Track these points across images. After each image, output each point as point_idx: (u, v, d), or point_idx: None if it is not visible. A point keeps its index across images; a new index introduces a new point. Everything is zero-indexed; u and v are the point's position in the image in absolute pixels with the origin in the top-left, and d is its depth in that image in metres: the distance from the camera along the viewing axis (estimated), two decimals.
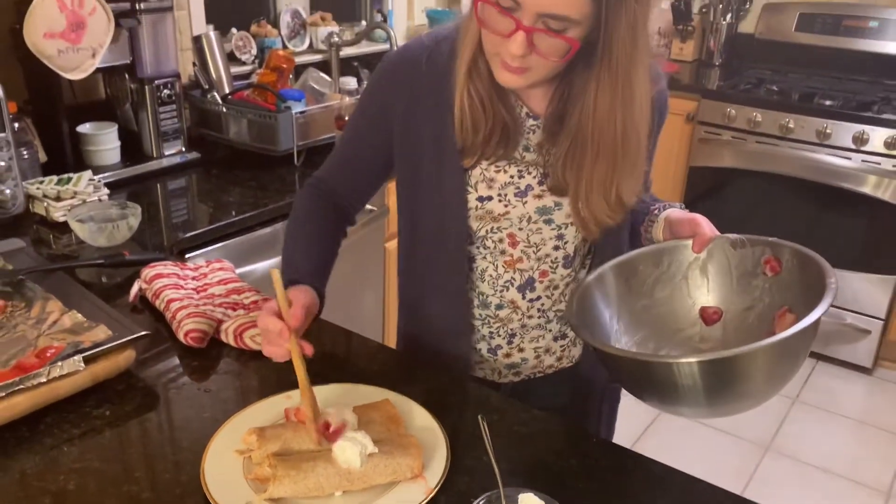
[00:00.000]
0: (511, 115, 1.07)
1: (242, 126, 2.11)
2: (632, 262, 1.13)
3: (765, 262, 1.08)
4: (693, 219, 1.12)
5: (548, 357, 1.26)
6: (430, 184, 1.13)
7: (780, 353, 0.89)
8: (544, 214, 1.13)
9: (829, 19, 3.20)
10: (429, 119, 1.10)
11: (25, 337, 1.10)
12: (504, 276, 1.18)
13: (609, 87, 0.98)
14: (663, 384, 0.90)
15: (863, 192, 2.77)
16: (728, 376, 0.88)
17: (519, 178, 1.11)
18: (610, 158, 1.03)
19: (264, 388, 1.08)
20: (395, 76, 1.12)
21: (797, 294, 1.02)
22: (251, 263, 1.87)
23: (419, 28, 3.23)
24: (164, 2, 1.96)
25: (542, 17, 0.91)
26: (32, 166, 1.77)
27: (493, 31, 0.96)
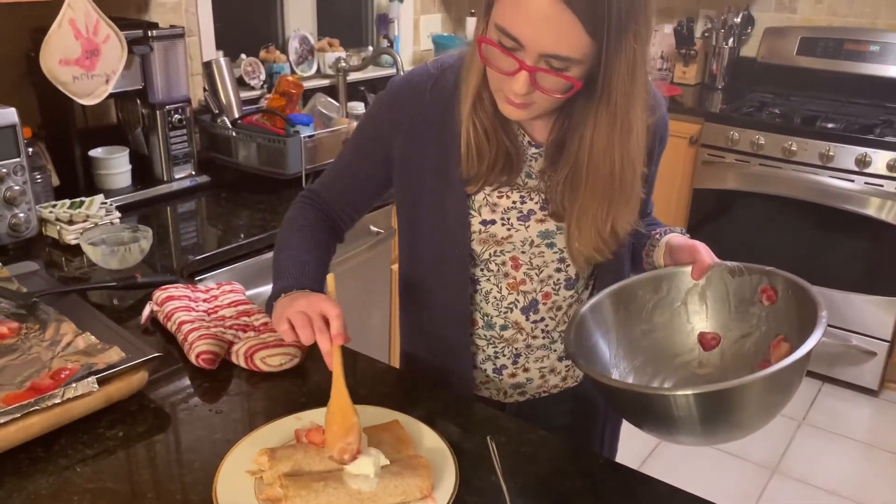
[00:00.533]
0: (514, 143, 1.10)
1: (252, 150, 2.14)
2: (631, 288, 1.15)
3: (762, 291, 1.09)
4: (693, 245, 1.14)
5: (553, 377, 1.28)
6: (433, 208, 1.15)
7: (772, 384, 0.90)
8: (546, 238, 1.15)
9: (830, 43, 3.23)
10: (432, 146, 1.12)
11: (40, 358, 1.11)
12: (508, 298, 1.20)
13: (607, 124, 1.00)
14: (660, 414, 0.92)
15: (866, 214, 2.79)
16: (723, 407, 0.90)
17: (521, 203, 1.13)
18: (605, 193, 1.05)
19: (275, 410, 1.10)
20: (399, 102, 1.15)
21: (793, 324, 1.03)
22: (260, 286, 1.88)
23: (425, 53, 3.27)
24: (175, 29, 2.01)
25: (545, 56, 0.93)
26: (45, 190, 1.80)
27: (497, 69, 0.98)
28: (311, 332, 1.00)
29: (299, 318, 1.00)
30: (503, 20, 0.93)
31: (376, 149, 1.18)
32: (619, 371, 1.10)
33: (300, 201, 1.26)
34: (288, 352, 1.18)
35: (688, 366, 1.13)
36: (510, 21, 0.92)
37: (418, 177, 1.15)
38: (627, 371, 1.11)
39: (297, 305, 1.02)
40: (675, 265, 1.16)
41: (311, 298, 1.03)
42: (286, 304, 1.04)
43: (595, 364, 1.06)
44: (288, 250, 1.17)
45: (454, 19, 3.44)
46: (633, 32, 0.93)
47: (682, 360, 1.14)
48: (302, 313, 1.01)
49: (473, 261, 1.18)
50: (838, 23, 3.28)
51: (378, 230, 2.19)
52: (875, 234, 2.80)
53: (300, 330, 1.00)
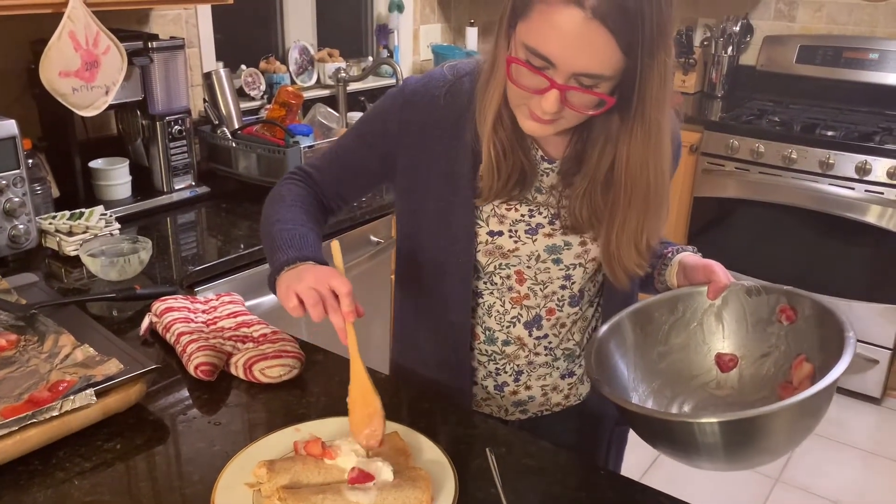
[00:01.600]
0: (528, 159, 1.09)
1: (252, 161, 2.14)
2: (647, 310, 1.14)
3: (780, 311, 1.08)
4: (708, 265, 1.12)
5: (555, 395, 1.26)
6: (437, 216, 1.14)
7: (802, 411, 0.89)
8: (553, 253, 1.14)
9: (829, 51, 3.24)
10: (441, 152, 1.11)
11: (38, 371, 1.11)
12: (511, 312, 1.18)
13: (642, 140, 0.99)
14: (683, 441, 0.91)
15: (866, 221, 2.79)
16: (749, 435, 0.88)
17: (530, 216, 1.12)
18: (642, 207, 1.04)
19: (274, 421, 1.09)
20: (412, 104, 1.12)
21: (813, 343, 1.02)
22: (260, 296, 1.88)
23: (425, 63, 3.28)
24: (175, 40, 2.01)
25: (576, 75, 0.92)
26: (45, 201, 1.80)
27: (524, 88, 0.96)
28: (322, 309, 0.96)
29: (309, 295, 0.96)
30: (533, 40, 0.92)
31: (380, 144, 1.16)
32: (639, 394, 1.09)
33: (290, 179, 1.23)
34: (287, 363, 1.17)
35: (706, 387, 1.12)
36: (542, 40, 0.91)
37: (424, 183, 1.14)
38: (646, 394, 1.10)
39: (306, 280, 0.98)
40: (689, 285, 1.14)
41: (318, 273, 0.99)
42: (292, 278, 1.00)
43: (615, 388, 1.04)
44: (281, 223, 1.13)
45: (454, 29, 3.45)
46: (664, 47, 0.92)
47: (700, 382, 1.13)
48: (311, 289, 0.96)
49: (477, 273, 1.17)
50: (837, 31, 3.29)
51: (378, 240, 2.18)
52: (876, 241, 2.79)
53: (311, 308, 0.96)
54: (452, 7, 3.42)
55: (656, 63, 0.93)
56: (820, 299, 1.05)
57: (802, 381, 1.01)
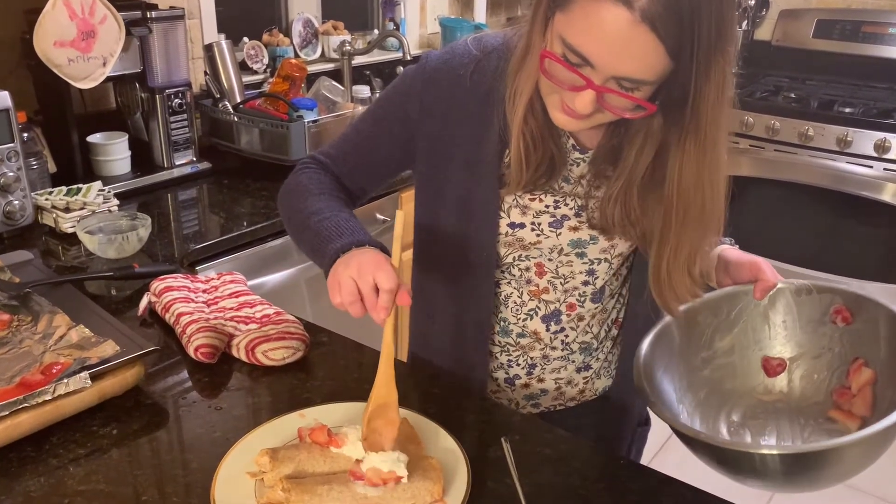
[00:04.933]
0: (559, 148, 1.01)
1: (254, 135, 2.08)
2: (690, 313, 1.05)
3: (835, 312, 1.02)
4: (754, 262, 1.05)
5: (569, 389, 1.19)
6: (457, 204, 1.07)
7: (876, 440, 0.83)
8: (577, 247, 1.07)
9: (847, 26, 3.15)
10: (465, 137, 1.03)
11: (31, 352, 1.06)
12: (528, 305, 1.11)
13: (696, 157, 0.90)
14: (741, 467, 0.86)
15: (885, 200, 2.72)
16: (814, 466, 0.83)
17: (555, 207, 1.04)
18: (696, 230, 0.95)
19: (277, 406, 1.05)
20: (434, 83, 1.04)
21: (874, 348, 0.95)
22: (263, 275, 1.83)
23: (432, 36, 3.20)
24: (175, 10, 1.94)
25: (616, 78, 0.84)
26: (42, 177, 1.75)
27: (559, 83, 0.88)
28: (360, 308, 0.88)
29: (348, 291, 0.88)
30: (572, 36, 0.83)
31: (400, 130, 1.08)
32: (686, 406, 1.03)
33: (309, 167, 1.13)
34: (290, 345, 1.12)
35: (753, 392, 1.06)
36: (581, 38, 0.82)
37: (445, 168, 1.06)
38: (693, 407, 1.04)
39: (349, 269, 0.89)
40: (732, 283, 1.07)
41: (364, 261, 0.89)
42: (340, 266, 0.92)
43: (661, 400, 0.97)
44: (319, 215, 1.02)
45: (462, 2, 3.37)
46: (723, 53, 0.83)
47: (748, 387, 1.07)
48: (351, 281, 0.88)
49: (497, 263, 1.09)
50: (856, 4, 3.20)
51: (384, 217, 2.13)
52: (893, 221, 2.73)
53: (348, 306, 0.89)
54: None
55: (713, 72, 0.84)
56: (890, 305, 0.97)
57: (862, 387, 0.95)
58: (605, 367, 1.20)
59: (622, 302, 1.17)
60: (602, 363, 1.19)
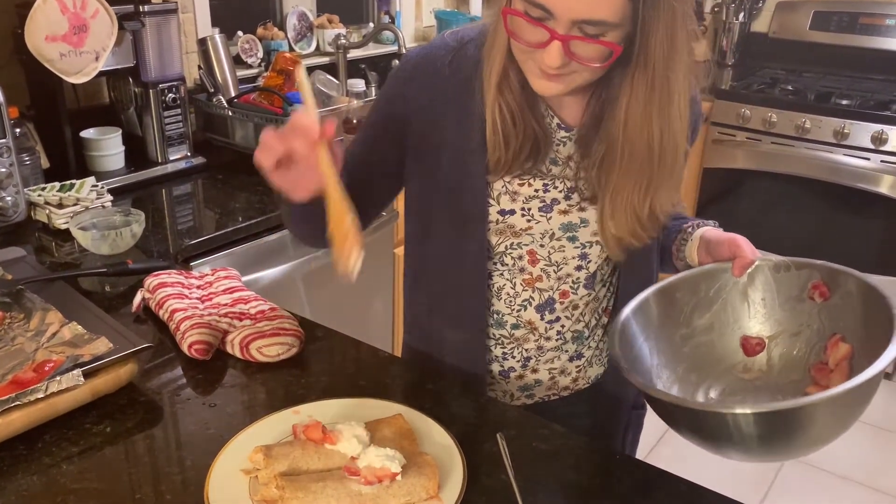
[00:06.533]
0: (542, 127, 1.00)
1: (249, 130, 2.07)
2: (668, 290, 1.06)
3: (813, 287, 1.01)
4: (733, 239, 1.05)
5: (563, 378, 1.19)
6: (448, 194, 1.06)
7: (847, 401, 0.83)
8: (569, 231, 1.07)
9: (844, 17, 3.14)
10: (450, 126, 1.03)
11: (23, 350, 1.06)
12: (522, 295, 1.11)
13: (644, 92, 0.90)
14: (715, 432, 0.85)
15: (881, 192, 2.72)
16: (787, 427, 0.82)
17: (544, 191, 1.04)
18: (643, 170, 0.96)
19: (272, 402, 1.04)
20: (415, 78, 1.05)
21: (850, 322, 0.95)
22: (258, 271, 1.83)
23: (427, 30, 3.19)
24: (168, 4, 1.93)
25: (578, 23, 0.84)
26: (34, 172, 1.73)
27: (526, 42, 0.89)
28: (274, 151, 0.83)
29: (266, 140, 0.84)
30: None
31: (391, 130, 1.07)
32: (663, 381, 1.03)
33: None
34: (285, 341, 1.12)
35: (733, 370, 1.05)
36: None
37: (435, 159, 1.05)
38: (671, 381, 1.03)
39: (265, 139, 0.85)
40: (712, 261, 1.07)
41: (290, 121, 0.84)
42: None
43: (639, 374, 0.97)
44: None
45: None
46: None
47: (727, 365, 1.06)
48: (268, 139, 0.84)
49: (487, 253, 1.09)
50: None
51: None
52: (890, 213, 2.73)
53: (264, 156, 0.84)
54: None
55: (662, 6, 0.85)
56: (864, 276, 0.97)
57: (839, 362, 0.95)
58: (596, 355, 1.21)
59: (612, 290, 1.17)
60: (594, 351, 1.20)
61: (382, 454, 0.85)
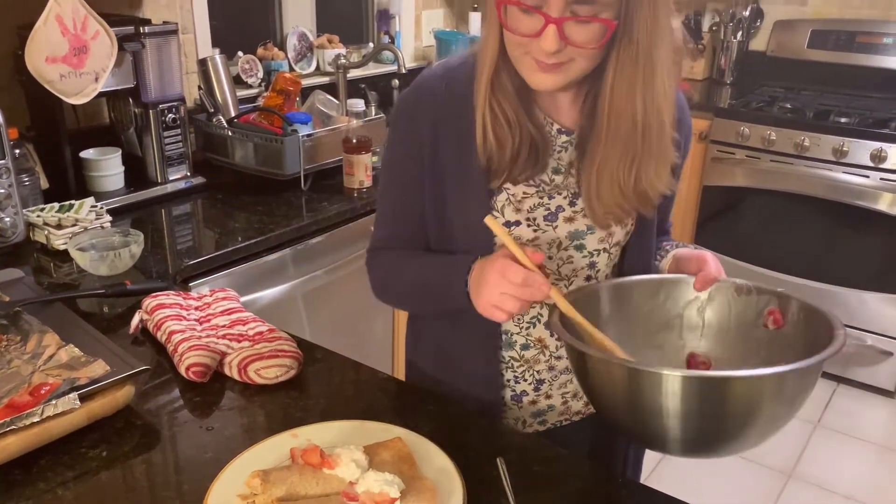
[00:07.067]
0: (539, 130, 1.01)
1: (248, 150, 2.07)
2: (627, 287, 1.06)
3: (768, 314, 1.00)
4: (701, 255, 1.06)
5: (575, 402, 1.18)
6: (456, 211, 1.06)
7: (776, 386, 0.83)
8: (576, 239, 1.07)
9: (842, 36, 3.16)
10: (452, 144, 1.04)
11: (20, 373, 1.05)
12: (531, 312, 1.10)
13: (629, 66, 0.92)
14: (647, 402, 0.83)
15: (881, 210, 2.71)
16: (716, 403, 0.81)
17: (549, 199, 1.05)
18: (629, 144, 0.97)
19: (270, 425, 1.03)
20: (415, 111, 1.06)
21: (798, 351, 0.93)
22: (257, 291, 1.82)
23: (427, 49, 3.20)
24: (168, 25, 1.94)
25: (570, 4, 0.87)
26: (34, 193, 1.73)
27: (522, 33, 0.91)
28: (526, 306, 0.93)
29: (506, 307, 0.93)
30: None
31: (412, 171, 1.07)
32: None
33: (377, 258, 1.16)
34: (283, 363, 1.11)
35: None
36: None
37: (441, 181, 1.06)
38: None
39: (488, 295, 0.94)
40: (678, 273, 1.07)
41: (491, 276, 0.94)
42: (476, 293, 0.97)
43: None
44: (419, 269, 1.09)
45: (457, 14, 3.37)
46: None
47: None
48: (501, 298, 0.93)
49: None
50: (850, 15, 3.20)
51: None
52: (890, 230, 2.72)
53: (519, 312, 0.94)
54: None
55: None
56: (808, 302, 0.97)
57: None
58: None
59: None
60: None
61: (381, 479, 0.84)
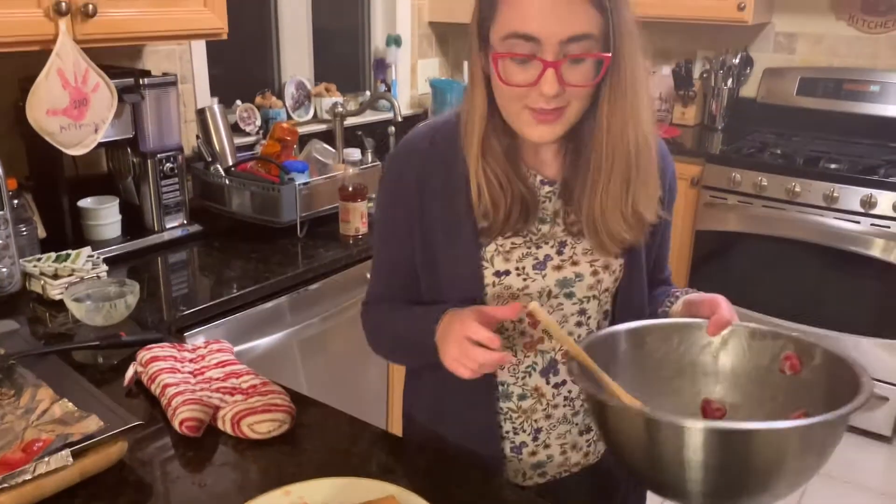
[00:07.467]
0: (527, 187, 1.05)
1: (245, 198, 2.09)
2: (639, 332, 1.05)
3: (784, 359, 1.00)
4: (713, 299, 1.06)
5: (574, 454, 1.18)
6: (447, 265, 1.09)
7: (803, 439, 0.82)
8: (565, 287, 1.08)
9: (830, 83, 3.21)
10: (438, 199, 1.07)
11: (13, 429, 1.05)
12: (525, 361, 1.11)
13: (620, 101, 0.97)
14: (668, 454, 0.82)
15: (872, 255, 2.73)
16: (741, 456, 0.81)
17: (536, 248, 1.07)
18: (625, 173, 1.00)
19: (262, 481, 1.03)
20: (402, 168, 1.10)
21: (818, 397, 0.94)
22: (253, 339, 1.82)
23: (423, 97, 3.25)
24: (167, 77, 1.97)
25: (564, 44, 0.91)
26: (31, 243, 1.74)
27: (520, 84, 0.94)
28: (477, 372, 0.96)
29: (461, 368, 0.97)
30: (511, 26, 0.92)
31: (403, 229, 1.11)
32: None
33: (369, 312, 1.21)
34: (276, 418, 1.11)
35: None
36: (519, 21, 0.91)
37: (431, 235, 1.08)
38: None
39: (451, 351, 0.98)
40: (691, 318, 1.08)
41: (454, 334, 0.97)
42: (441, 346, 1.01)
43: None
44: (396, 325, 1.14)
45: (452, 64, 3.43)
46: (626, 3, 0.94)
47: None
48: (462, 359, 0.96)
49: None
50: (837, 63, 3.26)
51: None
52: (882, 275, 2.74)
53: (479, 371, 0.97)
54: (450, 41, 3.40)
55: (623, 19, 0.93)
56: (832, 347, 0.97)
57: None
58: None
59: None
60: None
61: None
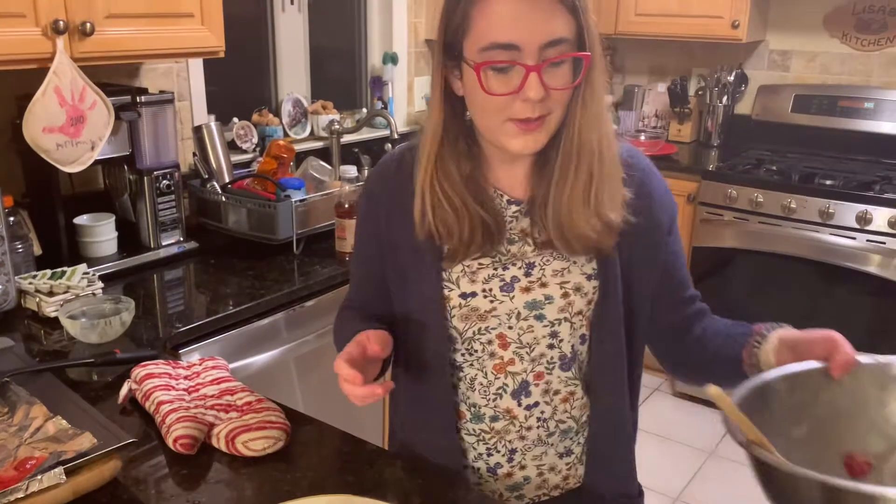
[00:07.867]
0: (490, 210, 1.05)
1: (242, 215, 2.10)
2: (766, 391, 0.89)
3: None
4: (828, 336, 0.94)
5: (553, 476, 1.16)
6: (413, 283, 1.10)
7: None
8: (534, 309, 1.07)
9: (824, 101, 3.24)
10: (402, 222, 1.09)
11: (6, 447, 1.04)
12: (495, 383, 1.10)
13: (591, 103, 0.99)
14: None
15: (868, 271, 2.74)
16: None
17: (503, 269, 1.06)
18: (590, 169, 1.01)
19: (257, 499, 1.02)
20: (373, 193, 1.15)
21: None
22: (249, 356, 1.82)
23: (419, 114, 3.27)
24: (164, 94, 1.98)
25: (542, 49, 0.93)
26: (26, 260, 1.74)
27: (504, 92, 0.95)
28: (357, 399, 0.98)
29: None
30: (489, 37, 0.93)
31: (374, 248, 1.15)
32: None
33: (341, 313, 1.25)
34: (271, 435, 1.10)
35: None
36: (496, 30, 0.93)
37: (398, 254, 1.11)
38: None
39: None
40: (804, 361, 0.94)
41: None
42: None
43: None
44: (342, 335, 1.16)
45: None
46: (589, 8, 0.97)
47: None
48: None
49: (454, 343, 1.10)
50: (831, 80, 3.29)
51: None
52: (878, 291, 2.74)
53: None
54: None
55: (591, 21, 0.96)
56: None
57: None
58: (586, 451, 1.17)
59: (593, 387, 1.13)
60: (583, 447, 1.17)
61: None
